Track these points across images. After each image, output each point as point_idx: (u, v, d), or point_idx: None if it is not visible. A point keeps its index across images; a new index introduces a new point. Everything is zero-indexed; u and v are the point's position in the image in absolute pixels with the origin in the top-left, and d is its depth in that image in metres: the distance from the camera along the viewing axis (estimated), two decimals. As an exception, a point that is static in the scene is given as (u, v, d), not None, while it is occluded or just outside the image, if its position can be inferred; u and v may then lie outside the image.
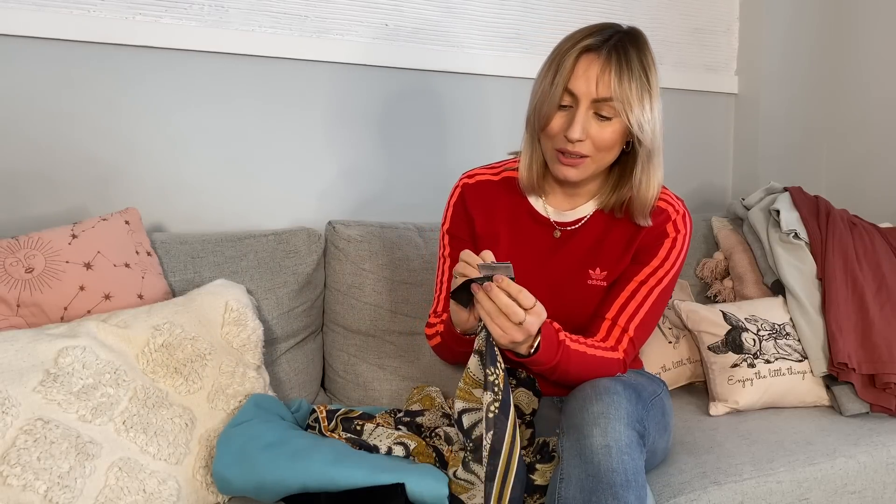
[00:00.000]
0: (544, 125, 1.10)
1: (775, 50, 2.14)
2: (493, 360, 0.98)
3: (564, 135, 1.08)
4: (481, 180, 1.26)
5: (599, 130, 1.07)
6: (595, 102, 1.06)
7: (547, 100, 1.08)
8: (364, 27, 1.70)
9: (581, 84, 1.06)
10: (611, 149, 1.10)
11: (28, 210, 1.43)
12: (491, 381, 0.96)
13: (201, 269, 1.40)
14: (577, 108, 1.07)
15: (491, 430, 0.94)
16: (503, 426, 0.95)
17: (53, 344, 1.05)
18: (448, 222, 1.27)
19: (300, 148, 1.67)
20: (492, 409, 0.95)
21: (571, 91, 1.07)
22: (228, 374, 1.18)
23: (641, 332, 1.17)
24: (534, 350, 1.02)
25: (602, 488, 0.92)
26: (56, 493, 0.93)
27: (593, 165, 1.11)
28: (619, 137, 1.09)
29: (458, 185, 1.28)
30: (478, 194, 1.25)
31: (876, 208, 2.06)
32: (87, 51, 1.44)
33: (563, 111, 1.09)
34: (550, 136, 1.11)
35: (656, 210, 1.18)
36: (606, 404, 0.97)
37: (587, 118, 1.07)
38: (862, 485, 1.29)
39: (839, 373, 1.49)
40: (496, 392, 0.96)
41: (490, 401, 0.95)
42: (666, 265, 1.17)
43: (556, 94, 1.07)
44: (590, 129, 1.07)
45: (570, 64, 1.06)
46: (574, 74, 1.06)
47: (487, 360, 0.98)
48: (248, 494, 1.02)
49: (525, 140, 1.19)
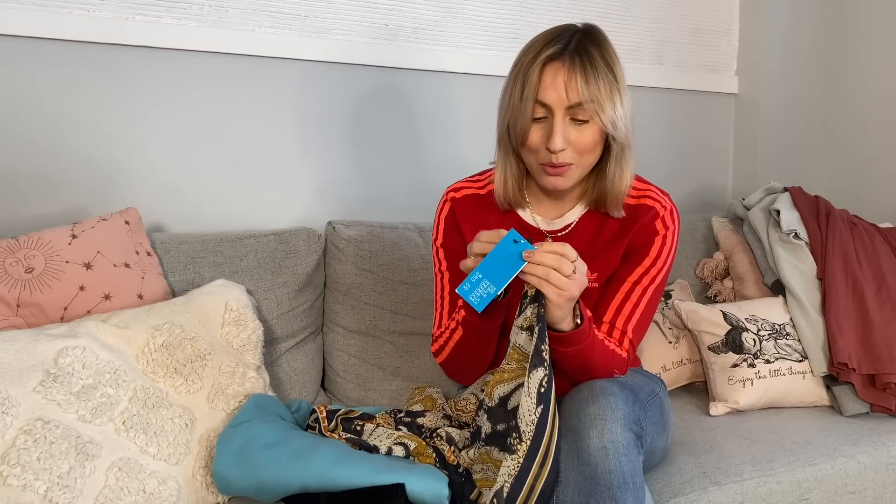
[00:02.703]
0: (523, 140, 1.09)
1: (775, 50, 2.14)
2: (543, 336, 0.97)
3: (546, 147, 1.07)
4: (468, 194, 1.25)
5: (579, 136, 1.07)
6: (569, 109, 1.06)
7: (520, 115, 1.07)
8: (364, 27, 1.70)
9: (551, 94, 1.05)
10: (592, 150, 1.10)
11: (28, 210, 1.43)
12: (543, 357, 0.96)
13: (201, 269, 1.40)
14: (553, 118, 1.06)
15: (541, 405, 0.94)
16: (548, 402, 0.95)
17: (53, 344, 1.05)
18: (441, 236, 1.25)
19: (300, 148, 1.67)
20: (543, 384, 0.95)
21: (543, 102, 1.06)
22: (228, 374, 1.18)
23: (639, 333, 1.17)
24: (580, 321, 1.02)
25: (599, 490, 0.92)
26: (56, 493, 0.93)
27: (578, 170, 1.11)
28: (599, 138, 1.09)
29: (445, 199, 1.26)
30: (466, 209, 1.23)
31: (876, 208, 2.06)
32: (87, 51, 1.44)
33: (539, 123, 1.08)
34: (532, 150, 1.10)
35: (644, 207, 1.18)
36: (603, 406, 0.97)
37: (565, 126, 1.06)
38: (862, 485, 1.29)
39: (839, 373, 1.49)
40: (546, 367, 0.95)
41: (542, 376, 0.95)
42: (658, 263, 1.17)
43: (528, 107, 1.06)
44: (569, 136, 1.07)
45: (535, 76, 1.06)
46: (542, 85, 1.06)
47: (539, 334, 0.97)
48: (248, 494, 1.02)
49: (498, 156, 1.18)
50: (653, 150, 2.12)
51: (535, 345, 0.97)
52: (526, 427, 0.93)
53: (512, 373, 1.01)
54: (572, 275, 0.96)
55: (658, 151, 2.14)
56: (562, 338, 1.02)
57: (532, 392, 0.94)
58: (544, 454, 0.94)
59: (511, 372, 1.02)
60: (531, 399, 0.94)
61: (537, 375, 0.95)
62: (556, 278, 0.95)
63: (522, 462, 0.92)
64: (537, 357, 0.96)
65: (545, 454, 0.94)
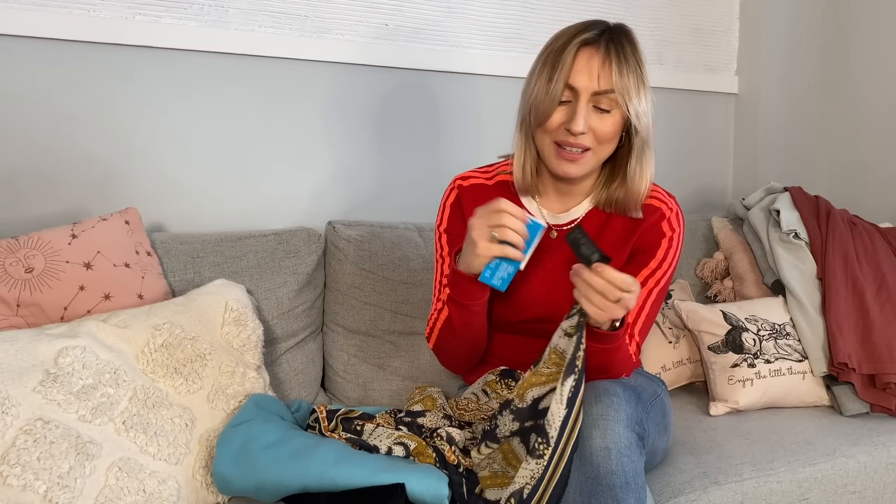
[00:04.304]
0: (543, 121, 1.10)
1: (775, 50, 2.14)
2: (579, 345, 1.00)
3: (567, 128, 1.08)
4: (475, 183, 1.25)
5: (600, 123, 1.09)
6: (595, 95, 1.07)
7: (546, 97, 1.08)
8: (364, 27, 1.70)
9: (583, 78, 1.07)
10: (611, 140, 1.11)
11: (28, 210, 1.43)
12: (576, 364, 0.98)
13: (201, 269, 1.40)
14: (577, 102, 1.07)
15: (567, 408, 0.96)
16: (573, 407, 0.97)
17: (53, 344, 1.05)
18: (445, 222, 1.26)
19: (300, 148, 1.67)
20: (572, 390, 0.97)
21: (572, 86, 1.07)
22: (228, 374, 1.18)
23: (644, 333, 1.18)
24: (619, 324, 1.03)
25: (601, 491, 0.92)
26: (56, 493, 0.93)
27: (594, 159, 1.12)
28: (619, 129, 1.11)
29: (452, 187, 1.27)
30: (473, 197, 1.23)
31: (876, 208, 2.06)
32: (87, 51, 1.44)
33: (562, 106, 1.09)
34: (549, 130, 1.11)
35: (650, 208, 1.18)
36: (606, 406, 0.97)
37: (588, 111, 1.08)
38: (862, 485, 1.29)
39: (839, 373, 1.49)
40: (576, 374, 0.98)
41: (572, 384, 0.97)
42: (664, 266, 1.17)
43: (557, 90, 1.07)
44: (591, 122, 1.08)
45: (570, 59, 1.07)
46: (575, 69, 1.07)
47: (577, 343, 1.00)
48: (248, 494, 1.02)
49: (518, 140, 1.19)
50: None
51: (572, 353, 0.99)
52: (553, 433, 0.95)
53: (550, 376, 1.03)
54: (617, 302, 0.96)
55: (658, 151, 2.12)
56: (598, 334, 1.03)
57: (563, 399, 0.96)
58: (560, 456, 0.95)
59: (548, 375, 1.03)
60: (561, 405, 0.96)
61: (569, 383, 0.97)
62: (598, 300, 0.97)
63: (545, 465, 0.94)
64: (571, 365, 0.98)
65: (560, 456, 0.95)
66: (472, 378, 1.30)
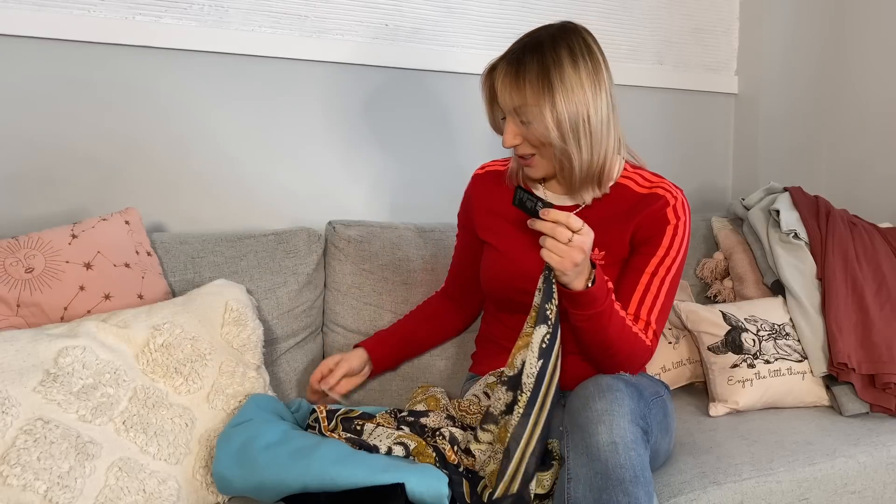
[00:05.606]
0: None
1: (775, 50, 2.14)
2: (548, 296, 1.04)
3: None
4: (490, 171, 1.35)
5: (527, 132, 1.14)
6: (515, 110, 1.14)
7: (492, 119, 1.22)
8: (364, 27, 1.70)
9: (502, 98, 1.14)
10: (545, 144, 1.14)
11: (28, 210, 1.43)
12: (547, 315, 1.02)
13: (201, 269, 1.40)
14: (506, 120, 1.16)
15: (541, 360, 1.00)
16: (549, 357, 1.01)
17: (53, 344, 1.05)
18: (461, 208, 1.39)
19: (300, 148, 1.67)
20: (545, 341, 1.01)
21: (500, 107, 1.17)
22: (228, 374, 1.18)
23: (662, 321, 1.19)
24: (591, 282, 1.06)
25: (612, 485, 0.92)
26: (56, 493, 0.93)
27: (543, 160, 1.18)
28: (548, 131, 1.12)
29: (473, 176, 1.37)
30: (484, 184, 1.33)
31: (876, 208, 2.06)
32: (87, 51, 1.44)
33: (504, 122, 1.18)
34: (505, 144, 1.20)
35: (653, 196, 1.19)
36: (609, 401, 0.98)
37: (516, 124, 1.15)
38: (862, 485, 1.29)
39: (839, 373, 1.49)
40: (549, 325, 1.02)
41: (544, 332, 1.01)
42: (672, 252, 1.18)
43: (497, 113, 1.20)
44: (522, 132, 1.15)
45: (488, 83, 1.19)
46: (498, 91, 1.15)
47: (545, 294, 1.04)
48: (248, 494, 1.02)
49: None
50: (653, 150, 2.12)
51: (540, 304, 1.03)
52: (526, 379, 0.99)
53: (529, 336, 1.06)
54: (569, 243, 1.00)
55: (658, 151, 2.13)
56: (574, 296, 1.05)
57: (535, 348, 1.00)
58: (540, 409, 0.99)
59: (529, 336, 1.06)
60: (533, 354, 1.00)
61: (540, 332, 1.01)
62: (550, 244, 1.01)
63: (522, 411, 0.98)
64: (541, 316, 1.02)
65: (541, 408, 0.99)
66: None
